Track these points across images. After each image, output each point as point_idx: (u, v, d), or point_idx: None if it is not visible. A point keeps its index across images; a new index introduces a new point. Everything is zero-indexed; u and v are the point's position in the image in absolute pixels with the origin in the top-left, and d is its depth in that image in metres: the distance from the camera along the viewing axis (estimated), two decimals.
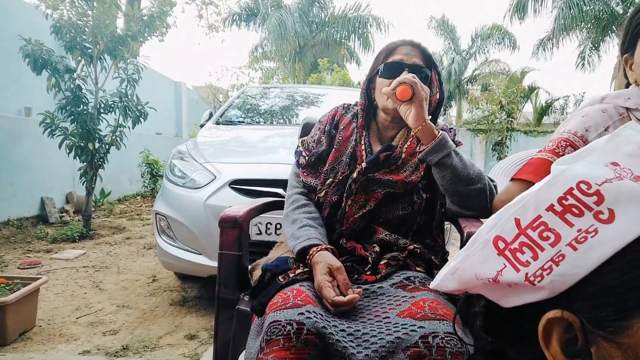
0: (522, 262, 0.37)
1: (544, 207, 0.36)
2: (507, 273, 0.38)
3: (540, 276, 0.35)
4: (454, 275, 0.43)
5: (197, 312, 2.37)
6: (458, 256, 0.44)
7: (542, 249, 0.36)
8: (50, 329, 2.12)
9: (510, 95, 11.52)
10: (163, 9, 4.19)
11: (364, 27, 13.13)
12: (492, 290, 0.41)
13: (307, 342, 0.78)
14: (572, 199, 0.35)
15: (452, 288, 0.45)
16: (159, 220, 2.36)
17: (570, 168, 0.36)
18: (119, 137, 4.12)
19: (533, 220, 0.37)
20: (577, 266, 0.34)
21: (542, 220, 0.36)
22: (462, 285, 0.43)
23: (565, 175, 0.36)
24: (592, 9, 11.56)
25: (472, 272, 0.41)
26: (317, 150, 1.21)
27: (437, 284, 0.47)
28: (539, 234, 0.36)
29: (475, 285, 0.42)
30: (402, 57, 1.15)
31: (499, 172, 1.25)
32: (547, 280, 0.35)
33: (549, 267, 0.35)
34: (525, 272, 0.36)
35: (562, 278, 0.35)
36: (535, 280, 0.36)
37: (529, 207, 0.37)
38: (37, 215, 4.67)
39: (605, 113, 0.99)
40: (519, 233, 0.37)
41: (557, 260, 0.35)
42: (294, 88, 4.10)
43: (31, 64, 3.60)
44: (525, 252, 0.37)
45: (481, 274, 0.40)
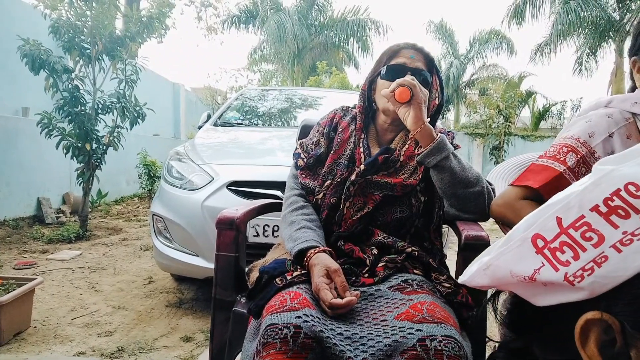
0: (562, 262, 0.36)
1: (588, 207, 0.35)
2: (545, 272, 0.37)
3: (581, 277, 0.35)
4: (486, 271, 0.43)
5: (194, 314, 2.36)
6: (489, 252, 0.44)
7: (584, 249, 0.35)
8: (45, 329, 2.10)
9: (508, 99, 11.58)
10: (162, 11, 4.19)
11: (362, 30, 13.18)
12: (527, 288, 0.40)
13: (304, 346, 0.78)
14: (618, 200, 0.34)
15: (484, 284, 0.44)
16: (156, 222, 2.35)
17: (618, 168, 0.35)
18: (116, 138, 4.11)
19: (576, 220, 0.36)
20: (620, 268, 0.33)
21: (586, 220, 0.35)
22: (495, 281, 0.43)
23: (612, 176, 0.35)
24: (590, 14, 11.64)
25: (506, 269, 0.40)
26: (315, 153, 1.20)
27: (467, 279, 0.46)
28: (582, 234, 0.35)
29: (509, 283, 0.41)
30: (405, 60, 1.16)
31: (498, 176, 1.24)
32: (588, 281, 0.35)
33: (591, 267, 0.34)
34: (565, 272, 0.36)
35: (603, 280, 0.34)
36: (575, 281, 0.35)
37: (572, 207, 0.36)
38: (33, 216, 4.64)
39: (610, 118, 0.96)
40: (560, 232, 0.37)
41: (600, 261, 0.34)
42: (293, 90, 4.10)
43: (29, 63, 3.59)
44: (565, 251, 0.36)
45: (517, 271, 0.39)
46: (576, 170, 0.93)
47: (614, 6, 11.96)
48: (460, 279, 0.48)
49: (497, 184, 1.20)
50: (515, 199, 0.98)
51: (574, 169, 0.93)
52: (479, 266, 0.44)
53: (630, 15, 11.28)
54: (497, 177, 1.24)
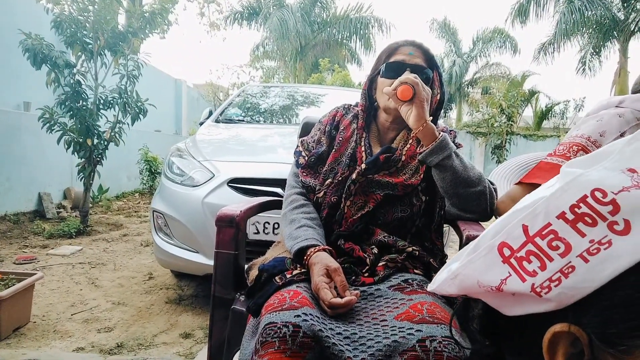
0: (529, 272, 0.35)
1: (554, 214, 0.34)
2: (512, 282, 0.36)
3: (548, 287, 0.34)
4: (454, 280, 0.42)
5: (193, 311, 2.36)
6: (457, 259, 0.43)
7: (551, 259, 0.34)
8: (44, 325, 2.10)
9: (511, 98, 11.55)
10: (164, 6, 4.18)
11: (365, 28, 13.14)
12: (495, 298, 0.39)
13: (303, 345, 0.77)
14: (585, 207, 0.33)
15: (452, 292, 0.43)
16: (156, 218, 2.35)
17: (584, 174, 0.34)
18: (118, 133, 4.11)
19: (542, 228, 0.35)
20: (587, 279, 0.32)
21: (552, 228, 0.34)
22: (463, 291, 0.42)
23: (579, 182, 0.34)
24: (594, 14, 11.58)
25: (474, 278, 0.39)
26: (317, 151, 1.20)
27: (436, 288, 0.45)
28: (548, 243, 0.34)
29: (477, 292, 0.41)
30: (404, 57, 1.14)
31: (500, 175, 1.23)
32: (555, 292, 0.34)
33: (558, 278, 0.33)
34: (532, 283, 0.35)
35: (570, 291, 0.33)
36: (542, 292, 0.34)
37: (538, 214, 0.35)
38: (34, 211, 4.65)
39: (621, 118, 0.94)
40: (526, 241, 0.36)
41: (567, 271, 0.33)
42: (295, 87, 4.09)
43: (31, 58, 3.59)
44: (532, 261, 0.35)
45: (484, 281, 0.38)
46: None
47: (618, 6, 11.91)
48: (429, 287, 0.47)
49: (499, 184, 1.19)
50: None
51: None
52: (447, 275, 0.43)
53: (635, 15, 11.22)
54: (499, 177, 1.23)
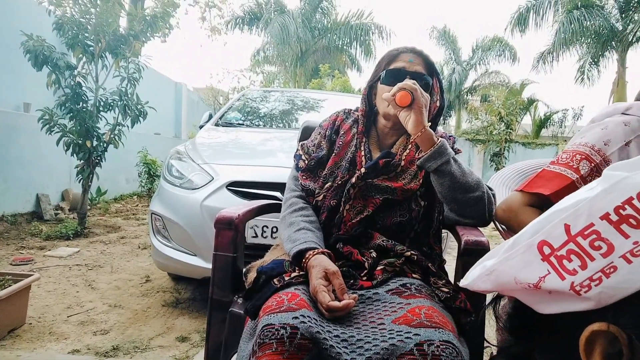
0: (569, 270, 0.35)
1: (598, 215, 0.34)
2: (551, 280, 0.36)
3: (588, 286, 0.34)
4: (489, 276, 0.42)
5: (190, 314, 2.35)
6: (492, 256, 0.43)
7: (592, 258, 0.34)
8: (40, 326, 2.09)
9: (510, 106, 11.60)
10: (166, 10, 4.20)
11: (366, 34, 13.20)
12: (530, 295, 0.40)
13: (301, 347, 0.77)
14: (630, 209, 0.33)
15: (486, 289, 0.43)
16: (154, 220, 2.35)
17: (630, 176, 0.34)
18: (117, 135, 4.11)
19: (584, 228, 0.35)
20: (629, 280, 0.32)
21: (595, 228, 0.34)
22: (498, 287, 0.42)
23: (624, 184, 0.34)
24: (593, 24, 11.67)
25: (511, 275, 0.39)
26: (317, 155, 1.20)
27: (469, 283, 0.45)
28: (590, 243, 0.34)
29: (513, 289, 0.41)
30: (404, 64, 1.15)
31: (499, 182, 1.24)
32: (595, 291, 0.34)
33: (599, 278, 0.34)
34: (571, 281, 0.35)
35: (611, 291, 0.33)
36: (581, 290, 0.34)
37: (581, 214, 0.35)
38: (32, 212, 4.63)
39: (627, 126, 0.92)
40: (567, 240, 0.36)
41: (608, 271, 0.33)
42: (295, 92, 4.10)
43: (32, 59, 3.60)
44: (573, 260, 0.35)
45: (521, 278, 0.39)
46: (589, 179, 0.90)
47: (617, 16, 12.00)
48: (462, 283, 0.47)
49: (498, 190, 1.19)
50: (521, 205, 0.96)
51: (586, 178, 0.90)
52: (482, 271, 0.43)
53: (633, 26, 11.31)
54: (498, 183, 1.23)
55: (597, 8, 11.81)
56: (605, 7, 12.09)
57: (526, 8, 12.98)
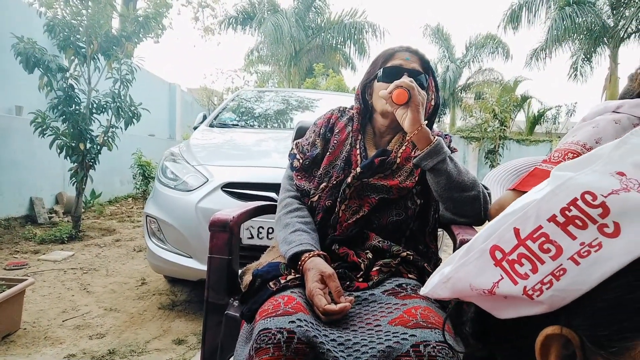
0: (521, 275, 0.35)
1: (545, 217, 0.35)
2: (504, 285, 0.36)
3: (540, 290, 0.34)
4: (446, 284, 0.42)
5: (186, 317, 2.34)
6: (449, 262, 0.43)
7: (542, 261, 0.34)
8: (35, 331, 2.07)
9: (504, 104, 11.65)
10: (158, 10, 4.18)
11: (359, 33, 13.21)
12: (487, 301, 0.40)
13: (298, 352, 0.77)
14: (575, 210, 0.33)
15: (445, 296, 0.43)
16: (149, 223, 2.33)
17: (574, 177, 0.35)
18: (110, 137, 4.08)
19: (533, 231, 0.35)
20: (578, 282, 0.32)
21: (543, 231, 0.35)
22: (455, 294, 0.42)
23: (569, 185, 0.34)
24: (585, 20, 11.75)
25: (466, 282, 0.39)
26: (311, 154, 1.19)
27: (429, 292, 0.45)
28: (539, 246, 0.34)
29: (469, 295, 0.41)
30: (401, 62, 1.15)
31: (493, 180, 1.23)
32: (547, 294, 0.34)
33: (549, 281, 0.34)
34: (524, 286, 0.35)
35: (562, 293, 0.33)
36: (534, 295, 0.34)
37: (529, 217, 0.35)
38: (26, 216, 4.59)
39: (618, 124, 0.92)
40: (518, 244, 0.36)
41: (558, 274, 0.33)
42: (289, 92, 4.09)
43: (23, 62, 3.56)
44: (524, 264, 0.35)
45: (476, 284, 0.38)
46: None
47: (608, 13, 12.09)
48: (422, 291, 0.47)
49: (492, 188, 1.19)
50: None
51: None
52: (440, 278, 0.43)
53: (624, 22, 11.39)
54: (493, 181, 1.23)
55: (589, 4, 11.89)
56: (597, 3, 12.18)
57: (519, 5, 13.05)
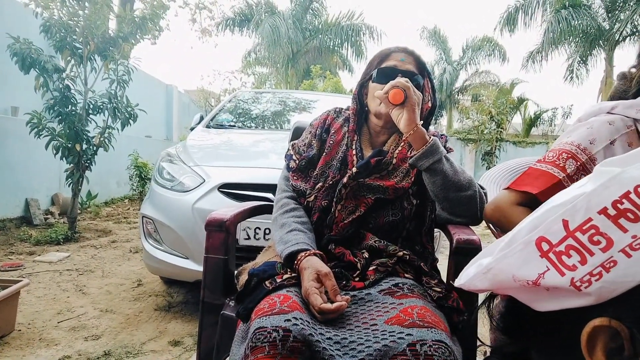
0: (568, 266, 0.35)
1: (596, 209, 0.34)
2: (550, 276, 0.36)
3: (588, 282, 0.34)
4: (486, 274, 0.41)
5: (183, 318, 2.33)
6: (487, 254, 0.43)
7: (592, 253, 0.34)
8: (30, 333, 2.06)
9: (500, 106, 11.71)
10: (156, 12, 4.17)
11: (357, 35, 13.23)
12: (528, 293, 0.39)
13: (293, 350, 0.76)
14: (628, 203, 0.33)
15: (483, 287, 0.43)
16: (145, 224, 2.32)
17: (626, 170, 0.34)
18: (107, 138, 4.07)
19: (583, 223, 0.35)
20: (629, 274, 0.32)
21: (593, 223, 0.34)
22: (495, 285, 0.42)
23: (621, 178, 0.34)
24: (580, 23, 11.81)
25: (509, 273, 0.39)
26: (307, 154, 1.19)
27: (464, 283, 0.44)
28: (589, 238, 0.34)
29: (510, 287, 0.40)
30: (396, 63, 1.15)
31: (490, 180, 1.24)
32: (596, 286, 0.34)
33: (599, 272, 0.34)
34: (571, 277, 0.35)
35: (612, 285, 0.33)
36: (582, 286, 0.34)
37: (579, 209, 0.35)
38: (21, 217, 4.57)
39: (612, 125, 0.93)
40: (566, 235, 0.36)
41: (608, 266, 0.33)
42: (286, 93, 4.09)
43: (19, 62, 3.55)
44: (572, 255, 0.35)
45: (520, 275, 0.38)
46: (575, 177, 0.91)
47: (603, 16, 12.17)
48: (457, 282, 0.46)
49: (489, 188, 1.19)
50: (510, 204, 0.96)
51: (572, 177, 0.91)
52: (478, 269, 0.42)
53: (620, 25, 11.46)
54: (489, 181, 1.23)
55: (585, 7, 11.96)
56: (592, 6, 12.25)
57: (515, 8, 13.11)
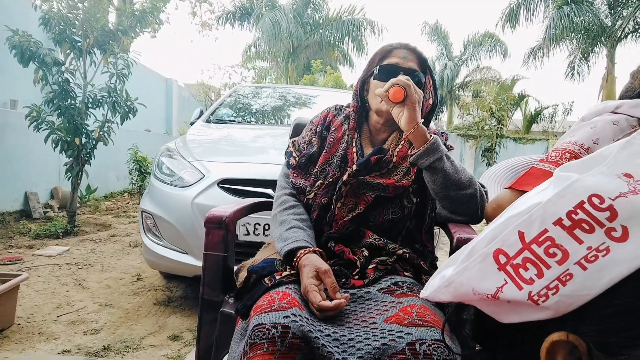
0: (525, 280, 0.35)
1: (551, 220, 0.34)
2: (508, 290, 0.35)
3: (545, 296, 0.33)
4: (448, 287, 0.41)
5: (182, 313, 2.33)
6: (450, 264, 0.42)
7: (548, 266, 0.33)
8: (29, 327, 2.06)
9: (501, 102, 11.68)
10: (155, 5, 4.15)
11: (358, 30, 13.18)
12: (490, 305, 0.39)
13: (292, 346, 0.76)
14: (582, 214, 0.32)
15: (446, 299, 0.42)
16: (145, 218, 2.32)
17: (581, 179, 0.33)
18: (106, 132, 4.06)
19: (538, 235, 0.34)
20: (586, 287, 0.32)
21: (549, 235, 0.34)
22: (457, 298, 0.41)
23: (575, 187, 0.33)
24: (582, 20, 11.76)
25: (469, 286, 0.39)
26: (307, 152, 1.19)
27: (429, 295, 0.44)
28: (545, 250, 0.34)
29: (472, 300, 0.40)
30: (397, 60, 1.14)
31: (490, 178, 1.23)
32: (553, 300, 0.33)
33: (555, 286, 0.33)
34: (529, 291, 0.34)
35: (568, 299, 0.32)
36: (539, 300, 0.34)
37: (534, 220, 0.34)
38: (21, 210, 4.57)
39: (616, 125, 0.92)
40: (522, 248, 0.35)
41: (564, 279, 0.33)
42: (287, 88, 4.08)
43: (18, 55, 3.53)
44: (529, 268, 0.34)
45: (479, 289, 0.38)
46: None
47: (606, 12, 12.11)
48: (422, 294, 0.46)
49: (490, 187, 1.19)
50: (511, 204, 0.96)
51: None
52: (441, 282, 0.42)
53: (622, 22, 11.42)
54: (490, 179, 1.23)
55: (587, 4, 11.91)
56: (595, 3, 12.19)
57: (517, 4, 13.05)
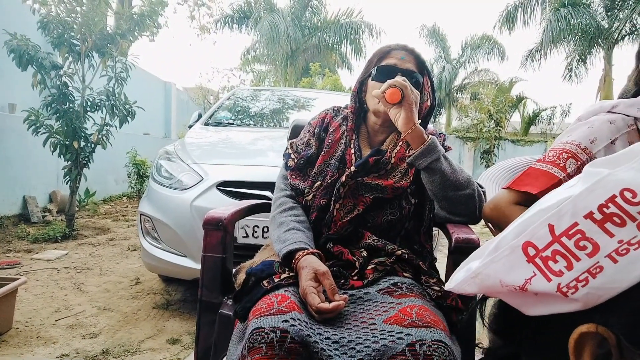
0: (555, 272, 0.35)
1: (582, 214, 0.34)
2: (537, 282, 0.36)
3: (575, 288, 0.33)
4: (474, 279, 0.41)
5: (181, 316, 2.32)
6: (476, 257, 0.42)
7: (578, 258, 0.34)
8: (27, 331, 2.05)
9: (499, 104, 11.71)
10: (154, 9, 4.15)
11: (356, 33, 13.21)
12: (517, 297, 0.39)
13: (291, 351, 0.76)
14: (614, 207, 0.32)
15: (471, 291, 0.43)
16: (143, 222, 2.32)
17: (612, 173, 0.33)
18: (105, 136, 4.06)
19: (569, 228, 0.34)
20: (616, 280, 0.32)
21: (579, 228, 0.34)
22: (484, 290, 0.41)
23: (607, 181, 0.33)
24: (580, 22, 11.81)
25: (496, 278, 0.39)
26: (306, 153, 1.19)
27: (454, 287, 0.44)
28: (575, 243, 0.34)
29: (499, 292, 0.40)
30: (395, 61, 1.14)
31: (489, 179, 1.23)
32: (582, 292, 0.33)
33: (585, 278, 0.33)
34: (558, 282, 0.34)
35: (598, 291, 0.33)
36: (568, 292, 0.34)
37: (564, 214, 0.35)
38: (19, 214, 4.55)
39: (612, 124, 0.93)
40: (552, 240, 0.35)
41: (594, 272, 0.33)
42: (285, 91, 4.08)
43: (16, 59, 3.53)
44: (558, 260, 0.35)
45: (507, 281, 0.38)
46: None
47: (602, 14, 12.16)
48: (447, 286, 0.46)
49: (488, 187, 1.19)
50: (508, 204, 0.96)
51: (573, 177, 0.90)
52: (467, 274, 0.42)
53: (619, 24, 11.47)
54: (488, 180, 1.23)
55: (584, 6, 11.96)
56: (592, 5, 12.25)
57: (514, 6, 13.10)
